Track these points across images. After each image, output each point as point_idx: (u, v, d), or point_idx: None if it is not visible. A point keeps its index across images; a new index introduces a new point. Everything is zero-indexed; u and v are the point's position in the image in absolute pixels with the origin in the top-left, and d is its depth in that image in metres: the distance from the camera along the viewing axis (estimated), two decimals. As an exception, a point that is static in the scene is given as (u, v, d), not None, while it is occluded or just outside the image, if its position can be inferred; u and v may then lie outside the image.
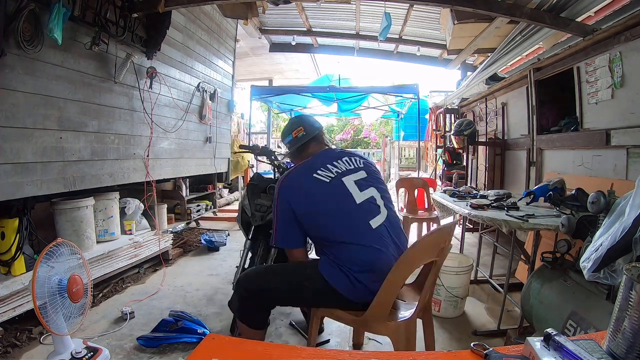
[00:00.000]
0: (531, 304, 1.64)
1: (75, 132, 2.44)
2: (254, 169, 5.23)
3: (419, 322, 1.54)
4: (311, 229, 1.46)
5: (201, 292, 2.73)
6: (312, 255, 1.88)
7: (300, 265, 1.49)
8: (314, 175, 1.46)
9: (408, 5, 4.15)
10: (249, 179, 6.58)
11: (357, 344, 2.01)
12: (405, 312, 1.48)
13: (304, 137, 1.65)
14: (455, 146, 4.63)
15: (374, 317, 1.36)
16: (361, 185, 1.48)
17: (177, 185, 4.35)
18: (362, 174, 1.52)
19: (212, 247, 3.83)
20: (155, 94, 3.29)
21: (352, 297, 1.39)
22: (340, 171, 1.49)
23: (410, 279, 1.56)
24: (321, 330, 2.17)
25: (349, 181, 1.47)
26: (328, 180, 1.45)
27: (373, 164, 1.68)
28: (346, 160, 1.55)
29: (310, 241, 2.58)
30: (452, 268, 2.33)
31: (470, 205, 2.28)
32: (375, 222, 1.42)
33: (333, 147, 1.73)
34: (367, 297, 1.36)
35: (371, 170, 1.59)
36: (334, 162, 1.52)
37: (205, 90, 4.28)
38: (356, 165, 1.55)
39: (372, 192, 1.49)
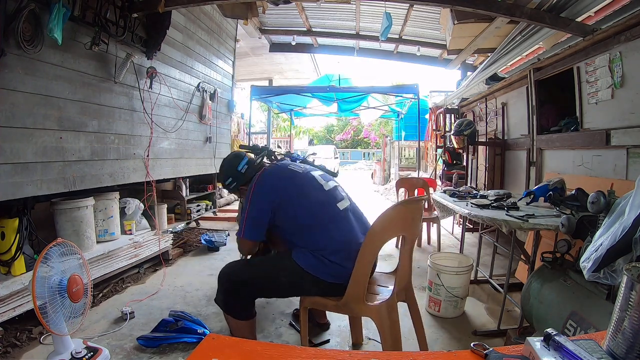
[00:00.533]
0: (531, 304, 1.64)
1: (75, 132, 2.44)
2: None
3: (408, 318, 1.63)
4: (287, 216, 1.56)
5: (201, 292, 2.73)
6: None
7: (276, 258, 1.63)
8: (288, 167, 1.69)
9: (408, 5, 4.15)
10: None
11: (357, 344, 2.01)
12: (386, 295, 1.55)
13: (259, 153, 1.85)
14: (455, 146, 4.63)
15: (353, 297, 1.43)
16: (325, 178, 1.72)
17: (177, 185, 4.35)
18: (321, 172, 1.77)
19: (212, 247, 3.83)
20: (155, 94, 3.29)
21: (329, 278, 1.49)
22: (306, 169, 1.73)
23: (390, 267, 1.60)
24: (327, 327, 2.18)
25: (315, 174, 1.70)
26: (301, 171, 1.68)
27: None
28: (307, 166, 1.80)
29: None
30: (452, 268, 2.33)
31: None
32: (341, 205, 1.62)
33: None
34: (344, 275, 1.46)
35: (325, 173, 1.85)
36: (297, 163, 1.78)
37: (205, 90, 4.28)
38: (315, 166, 1.79)
39: (334, 184, 1.73)
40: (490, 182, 4.15)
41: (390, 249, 3.79)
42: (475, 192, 2.97)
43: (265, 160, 1.91)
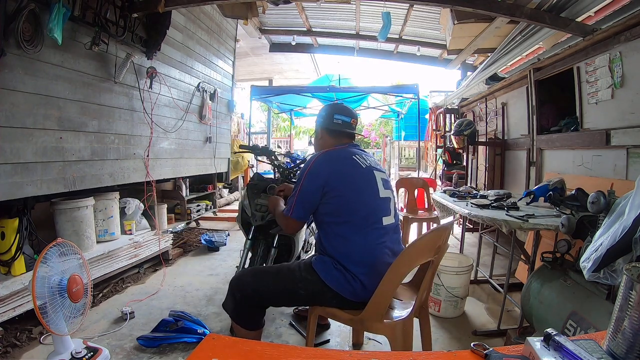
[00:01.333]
0: (531, 304, 1.64)
1: (75, 132, 2.44)
2: (254, 169, 5.23)
3: (416, 321, 1.55)
4: (331, 202, 1.46)
5: (201, 292, 2.73)
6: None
7: (294, 268, 1.52)
8: (353, 157, 1.54)
9: (408, 5, 4.15)
10: (249, 179, 6.58)
11: (357, 344, 2.01)
12: (402, 312, 1.49)
13: (354, 130, 1.69)
14: (455, 146, 4.63)
15: (371, 316, 1.37)
16: (384, 184, 1.58)
17: (177, 185, 4.35)
18: (384, 176, 1.62)
19: (212, 247, 3.83)
20: (155, 94, 3.29)
21: (349, 295, 1.41)
22: (371, 164, 1.58)
23: (406, 278, 1.56)
24: (327, 327, 2.18)
25: (378, 176, 1.56)
26: (363, 166, 1.54)
27: None
28: (373, 160, 1.64)
29: (310, 241, 2.58)
30: (452, 268, 2.33)
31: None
32: (385, 220, 1.50)
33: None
34: (363, 294, 1.38)
35: (388, 177, 1.69)
36: (365, 156, 1.61)
37: (205, 90, 4.28)
38: (380, 167, 1.64)
39: (390, 194, 1.59)
40: (490, 182, 4.15)
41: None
42: (475, 192, 2.97)
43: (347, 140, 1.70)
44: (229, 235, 4.20)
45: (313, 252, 1.82)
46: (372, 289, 1.35)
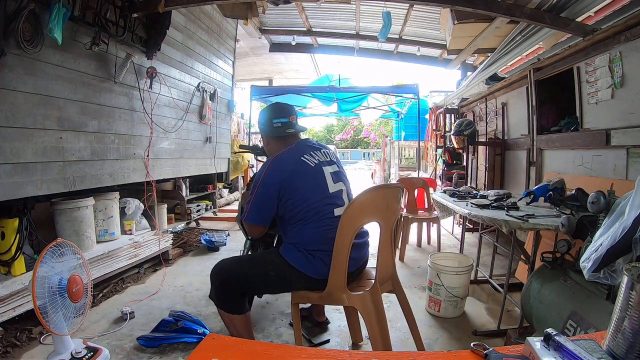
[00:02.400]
0: (531, 304, 1.64)
1: (75, 132, 2.44)
2: (254, 169, 5.23)
3: (394, 296, 1.68)
4: (286, 204, 1.58)
5: (201, 292, 2.73)
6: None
7: (265, 254, 1.70)
8: (301, 158, 1.63)
9: (408, 5, 4.15)
10: (248, 179, 6.58)
11: (356, 344, 2.01)
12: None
13: (297, 126, 1.77)
14: (455, 146, 4.63)
15: (335, 285, 1.46)
16: (334, 177, 1.67)
17: (177, 185, 4.35)
18: (335, 168, 1.71)
19: (212, 247, 3.83)
20: (155, 94, 3.29)
21: (311, 273, 1.53)
22: (320, 160, 1.67)
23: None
24: (326, 325, 2.19)
25: (327, 171, 1.65)
26: (312, 165, 1.62)
27: (339, 160, 1.85)
28: (324, 153, 1.73)
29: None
30: (452, 268, 2.33)
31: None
32: (337, 211, 1.60)
33: (308, 137, 1.84)
34: (325, 271, 1.50)
35: (340, 165, 1.78)
36: (314, 152, 1.69)
37: (205, 90, 4.28)
38: (330, 159, 1.72)
39: (341, 186, 1.68)
40: (490, 182, 4.15)
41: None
42: (475, 192, 2.97)
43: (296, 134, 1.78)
44: (229, 235, 4.20)
45: None
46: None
